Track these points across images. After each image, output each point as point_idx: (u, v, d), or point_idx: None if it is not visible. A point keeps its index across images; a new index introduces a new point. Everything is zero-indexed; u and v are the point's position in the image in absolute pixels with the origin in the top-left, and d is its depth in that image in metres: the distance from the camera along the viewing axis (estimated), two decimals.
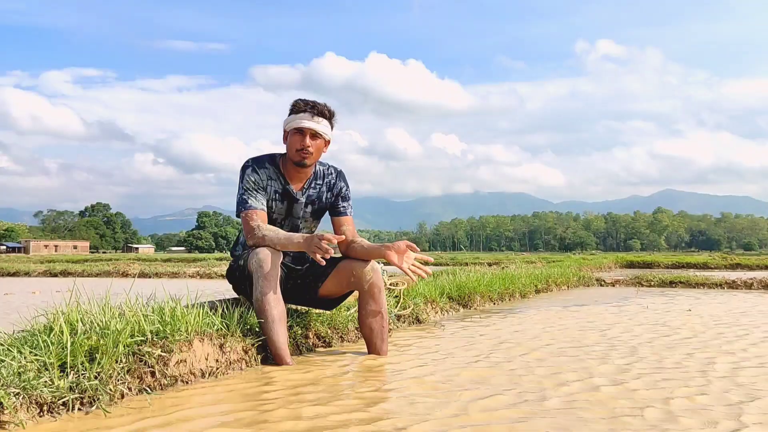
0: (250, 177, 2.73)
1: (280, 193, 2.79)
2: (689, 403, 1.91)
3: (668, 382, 2.21)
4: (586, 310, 4.83)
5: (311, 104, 2.73)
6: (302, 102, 2.75)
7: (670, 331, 3.57)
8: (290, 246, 2.58)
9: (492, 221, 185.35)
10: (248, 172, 2.74)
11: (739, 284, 7.45)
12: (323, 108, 2.75)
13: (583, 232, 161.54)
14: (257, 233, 2.63)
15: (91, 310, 2.11)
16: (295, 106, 2.75)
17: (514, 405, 1.88)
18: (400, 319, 3.83)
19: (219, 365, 2.33)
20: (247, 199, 2.71)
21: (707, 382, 2.21)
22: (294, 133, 2.72)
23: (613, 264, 15.25)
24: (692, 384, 2.17)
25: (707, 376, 2.31)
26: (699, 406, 1.88)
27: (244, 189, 2.72)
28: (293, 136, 2.72)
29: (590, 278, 8.36)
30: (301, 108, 2.73)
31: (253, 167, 2.76)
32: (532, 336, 3.37)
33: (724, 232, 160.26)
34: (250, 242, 2.67)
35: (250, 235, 2.66)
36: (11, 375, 1.68)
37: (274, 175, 2.78)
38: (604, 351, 2.87)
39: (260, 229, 2.63)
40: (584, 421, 1.70)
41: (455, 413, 1.79)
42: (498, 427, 1.65)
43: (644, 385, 2.14)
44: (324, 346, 2.98)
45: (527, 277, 6.61)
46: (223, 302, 2.80)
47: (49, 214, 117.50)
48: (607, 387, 2.12)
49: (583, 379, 2.25)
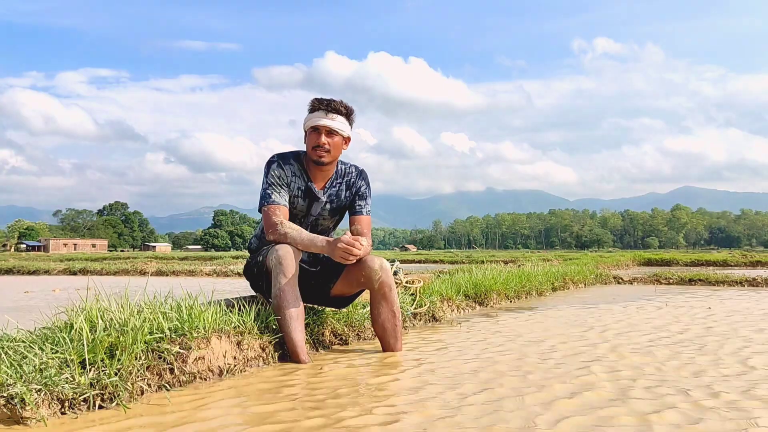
0: (274, 172, 2.74)
1: (303, 191, 2.80)
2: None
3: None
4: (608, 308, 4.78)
5: (326, 102, 2.75)
6: (317, 100, 2.77)
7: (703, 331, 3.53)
8: (312, 248, 2.60)
9: (508, 219, 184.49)
10: (273, 167, 2.75)
11: (759, 282, 7.33)
12: (338, 105, 2.76)
13: (600, 230, 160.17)
14: (279, 229, 2.63)
15: (110, 307, 2.13)
16: (311, 105, 2.78)
17: (543, 403, 1.87)
18: (416, 317, 3.82)
19: (237, 362, 2.34)
20: (271, 194, 2.71)
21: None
22: (311, 132, 2.75)
23: (631, 262, 15.09)
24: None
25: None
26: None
27: (268, 183, 2.73)
28: (310, 135, 2.75)
29: (608, 276, 8.28)
30: (316, 106, 2.75)
31: (278, 162, 2.77)
32: (541, 335, 3.34)
33: (743, 229, 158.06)
34: (270, 237, 2.67)
35: (271, 230, 2.66)
36: (33, 371, 1.70)
37: (299, 172, 2.79)
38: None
39: (283, 225, 2.64)
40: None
41: (470, 413, 1.78)
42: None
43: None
44: (340, 344, 2.98)
45: (544, 275, 6.56)
46: (240, 300, 2.81)
47: (68, 213, 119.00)
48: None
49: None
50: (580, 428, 1.63)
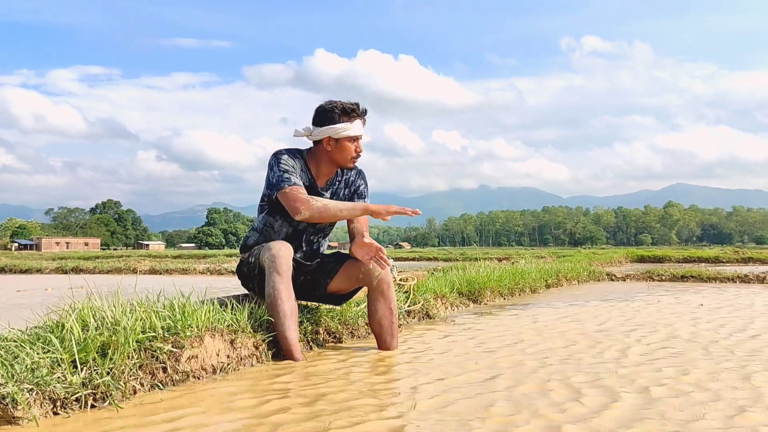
0: (288, 161, 2.71)
1: (306, 187, 2.79)
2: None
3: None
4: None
5: (363, 111, 2.76)
6: (353, 109, 2.72)
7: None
8: (356, 211, 2.62)
9: (501, 216, 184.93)
10: (285, 158, 2.72)
11: (751, 278, 7.38)
12: (365, 112, 2.79)
13: (593, 227, 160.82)
14: (315, 204, 2.59)
15: (102, 306, 2.12)
16: (345, 111, 2.71)
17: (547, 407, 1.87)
18: (410, 315, 3.82)
19: (230, 361, 2.33)
20: (290, 176, 2.65)
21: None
22: (349, 140, 2.72)
23: (624, 258, 15.14)
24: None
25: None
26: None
27: (282, 170, 2.66)
28: (348, 143, 2.72)
29: (601, 273, 8.31)
30: (354, 115, 2.72)
31: (288, 154, 2.75)
32: (537, 329, 3.36)
33: (735, 226, 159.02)
34: (305, 214, 2.58)
35: (304, 207, 2.57)
36: (25, 371, 1.69)
37: (303, 168, 2.79)
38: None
39: (315, 200, 2.61)
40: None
41: (466, 411, 1.79)
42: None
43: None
44: (334, 341, 2.98)
45: (537, 272, 6.58)
46: (232, 298, 2.81)
47: (60, 212, 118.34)
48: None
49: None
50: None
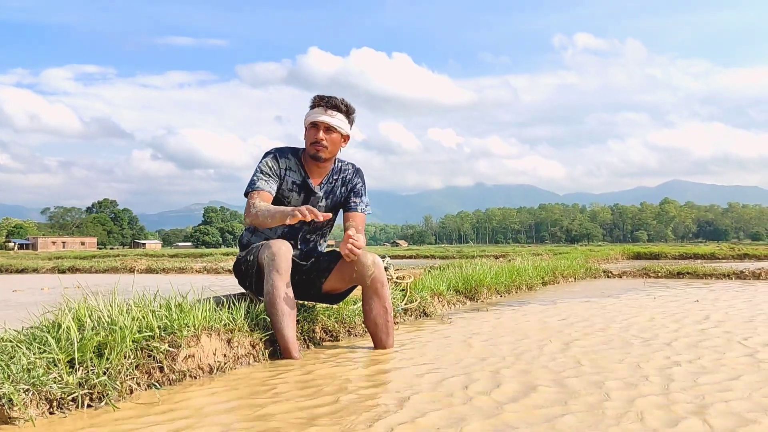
0: (267, 163, 2.79)
1: (299, 185, 2.82)
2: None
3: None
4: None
5: (327, 98, 2.79)
6: (318, 97, 2.80)
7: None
8: (277, 215, 2.54)
9: (498, 214, 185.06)
10: (268, 159, 2.80)
11: (747, 275, 7.40)
12: (339, 102, 2.79)
13: (590, 224, 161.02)
14: (251, 210, 2.67)
15: (98, 305, 2.12)
16: (312, 102, 2.81)
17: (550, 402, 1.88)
18: (407, 313, 3.83)
19: (227, 360, 2.33)
20: (256, 181, 2.75)
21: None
22: (310, 128, 2.79)
23: (620, 255, 15.18)
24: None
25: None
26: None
27: (256, 174, 2.77)
28: (309, 131, 2.79)
29: (597, 270, 8.33)
30: (317, 103, 2.79)
31: (274, 155, 2.81)
32: (541, 323, 3.37)
33: (731, 223, 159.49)
34: (247, 220, 2.71)
35: (246, 213, 2.70)
36: (21, 371, 1.69)
37: (295, 167, 2.83)
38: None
39: (254, 206, 2.67)
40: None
41: (458, 409, 1.79)
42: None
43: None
44: (331, 340, 2.98)
45: (534, 269, 6.59)
46: (229, 297, 2.81)
47: (56, 211, 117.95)
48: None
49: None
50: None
